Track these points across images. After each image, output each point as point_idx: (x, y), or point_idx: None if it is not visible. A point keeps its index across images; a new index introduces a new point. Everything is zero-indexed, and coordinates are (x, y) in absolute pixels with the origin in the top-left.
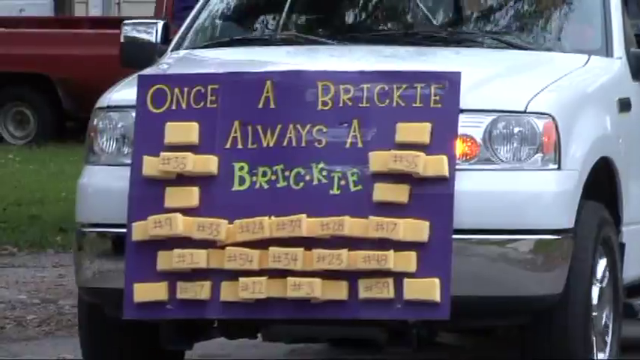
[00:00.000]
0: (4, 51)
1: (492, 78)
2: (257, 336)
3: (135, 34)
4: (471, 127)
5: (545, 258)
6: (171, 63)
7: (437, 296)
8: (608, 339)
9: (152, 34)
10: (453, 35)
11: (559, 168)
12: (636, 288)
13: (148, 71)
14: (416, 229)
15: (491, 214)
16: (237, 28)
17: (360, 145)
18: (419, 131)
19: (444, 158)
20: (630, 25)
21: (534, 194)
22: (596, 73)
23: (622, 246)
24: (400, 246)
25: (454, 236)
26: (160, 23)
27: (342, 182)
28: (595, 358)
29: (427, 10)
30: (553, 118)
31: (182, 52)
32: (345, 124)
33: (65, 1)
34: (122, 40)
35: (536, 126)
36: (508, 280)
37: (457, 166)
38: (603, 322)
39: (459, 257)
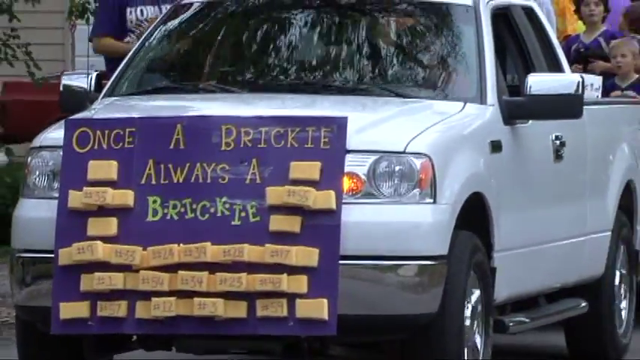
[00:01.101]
0: None
1: (377, 122)
2: (171, 348)
3: (72, 82)
4: (356, 165)
5: (421, 281)
6: (99, 108)
7: (325, 314)
8: (480, 352)
9: (86, 83)
10: (347, 85)
11: (434, 202)
12: (510, 305)
13: (76, 116)
14: (307, 255)
15: (374, 242)
16: (162, 78)
17: (258, 181)
18: (310, 169)
19: (332, 193)
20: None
21: (412, 225)
22: (471, 118)
23: (493, 270)
24: (293, 270)
25: (341, 262)
26: (94, 74)
27: (243, 214)
28: None
29: (326, 63)
30: (429, 158)
31: (111, 99)
32: (246, 163)
33: None
34: (61, 88)
35: (414, 165)
36: (389, 301)
37: (344, 200)
38: (475, 336)
39: (346, 280)
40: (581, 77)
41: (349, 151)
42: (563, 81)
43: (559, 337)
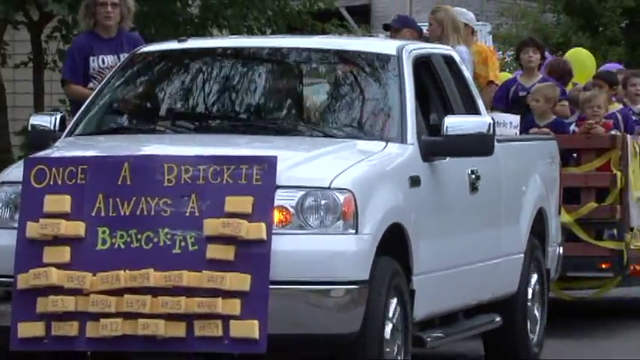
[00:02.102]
0: None
1: (305, 161)
2: None
3: (38, 122)
4: (286, 199)
5: (344, 303)
6: (59, 147)
7: (256, 334)
8: None
9: (51, 123)
10: (281, 126)
11: (357, 232)
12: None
13: (35, 154)
14: (240, 280)
15: (302, 268)
16: (117, 119)
17: (197, 213)
18: (243, 203)
19: (263, 225)
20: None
21: (336, 253)
22: (392, 156)
23: (412, 292)
24: (227, 294)
25: (271, 286)
26: (58, 115)
27: (183, 243)
28: None
29: (263, 107)
30: (352, 193)
31: (71, 139)
32: (186, 197)
33: None
34: (29, 127)
35: (338, 199)
36: (315, 321)
37: (274, 231)
38: (395, 352)
39: (276, 303)
40: (493, 119)
41: (279, 187)
42: (476, 122)
43: (479, 344)
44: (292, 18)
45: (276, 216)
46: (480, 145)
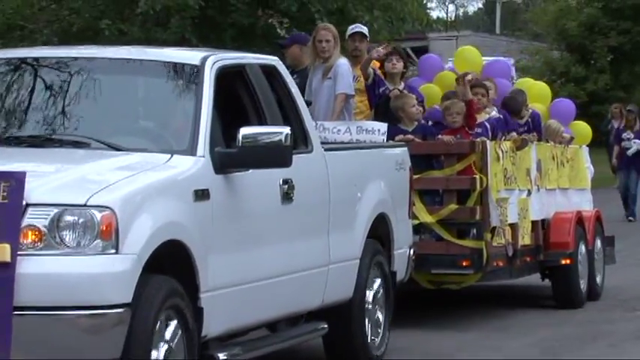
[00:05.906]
0: None
1: (65, 176)
2: None
3: None
4: (38, 218)
5: (102, 328)
6: None
7: None
8: None
9: None
10: (57, 138)
11: (117, 252)
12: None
13: None
14: None
15: (53, 292)
16: None
17: None
18: None
19: (7, 246)
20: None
21: (92, 275)
22: (175, 169)
23: (200, 310)
24: None
25: (17, 312)
26: None
27: None
28: None
29: (44, 118)
30: (112, 210)
31: None
32: None
33: None
34: None
35: (96, 217)
36: (68, 349)
37: (23, 252)
38: None
39: (22, 330)
40: (290, 130)
41: (31, 205)
42: (271, 133)
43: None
44: None
45: (28, 236)
46: (275, 156)
